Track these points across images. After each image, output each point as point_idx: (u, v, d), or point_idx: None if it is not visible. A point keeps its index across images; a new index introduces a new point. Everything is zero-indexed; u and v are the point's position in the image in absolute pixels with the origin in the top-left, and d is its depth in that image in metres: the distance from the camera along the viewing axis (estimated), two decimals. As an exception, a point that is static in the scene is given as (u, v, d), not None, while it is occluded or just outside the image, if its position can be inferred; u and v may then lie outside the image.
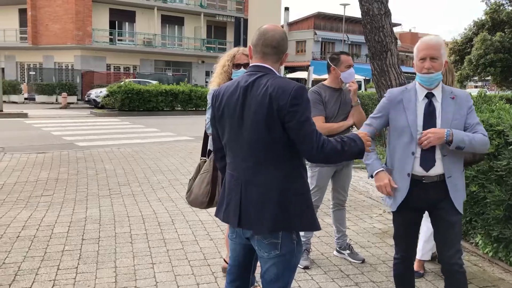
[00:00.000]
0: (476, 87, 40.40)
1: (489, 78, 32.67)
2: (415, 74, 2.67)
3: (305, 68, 31.02)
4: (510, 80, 30.15)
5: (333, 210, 4.06)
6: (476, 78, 34.84)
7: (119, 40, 33.50)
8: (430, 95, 2.62)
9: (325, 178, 3.85)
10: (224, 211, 2.21)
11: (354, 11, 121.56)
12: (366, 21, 5.98)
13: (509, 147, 3.56)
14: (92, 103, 23.52)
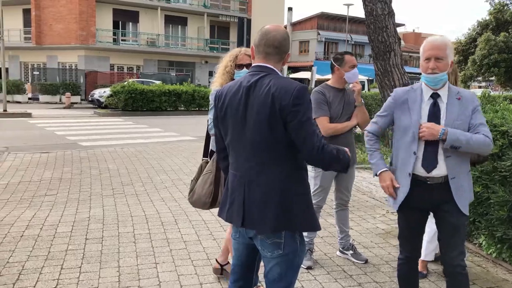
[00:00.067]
0: (480, 88, 40.29)
1: (493, 79, 32.59)
2: (419, 74, 2.68)
3: (308, 68, 31.03)
4: (514, 81, 30.07)
5: (336, 211, 4.06)
6: (480, 79, 34.75)
7: (123, 40, 33.57)
8: (436, 96, 2.62)
9: (329, 179, 3.85)
10: (228, 211, 2.21)
11: (358, 11, 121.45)
12: (370, 21, 5.98)
13: (513, 148, 3.56)
14: (96, 103, 23.56)
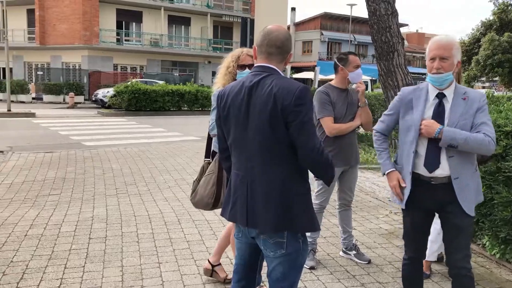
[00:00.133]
0: (484, 88, 40.11)
1: (497, 79, 32.46)
2: (422, 75, 2.68)
3: (312, 69, 31.01)
4: (518, 81, 29.97)
5: (339, 211, 4.05)
6: (484, 79, 34.61)
7: (126, 40, 33.63)
8: (441, 96, 2.61)
9: (332, 179, 3.84)
10: (230, 210, 2.21)
11: (361, 12, 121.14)
12: (373, 21, 5.96)
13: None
14: (99, 103, 23.63)
